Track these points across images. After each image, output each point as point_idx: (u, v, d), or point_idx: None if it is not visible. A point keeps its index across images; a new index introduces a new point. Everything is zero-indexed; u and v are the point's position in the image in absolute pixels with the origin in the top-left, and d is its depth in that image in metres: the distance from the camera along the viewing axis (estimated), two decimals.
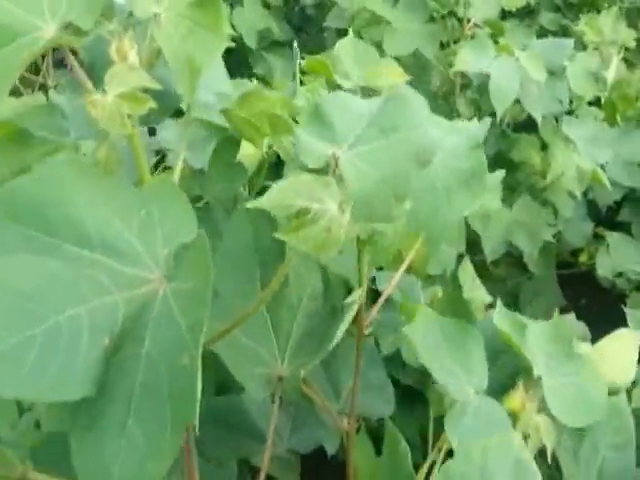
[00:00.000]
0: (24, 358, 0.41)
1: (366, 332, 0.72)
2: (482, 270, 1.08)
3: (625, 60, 1.51)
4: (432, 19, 1.53)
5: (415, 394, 0.91)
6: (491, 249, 1.32)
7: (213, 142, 0.66)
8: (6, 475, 0.51)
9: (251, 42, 1.65)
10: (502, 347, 0.71)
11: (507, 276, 1.51)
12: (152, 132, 0.87)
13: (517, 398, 0.66)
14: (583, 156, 1.35)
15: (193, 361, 0.43)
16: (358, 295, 0.66)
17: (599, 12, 1.54)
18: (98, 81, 0.49)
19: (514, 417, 0.65)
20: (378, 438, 0.89)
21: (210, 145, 0.66)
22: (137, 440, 0.43)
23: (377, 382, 0.80)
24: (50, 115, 0.65)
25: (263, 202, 0.47)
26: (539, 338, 0.68)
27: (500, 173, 0.88)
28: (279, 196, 0.47)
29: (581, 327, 0.83)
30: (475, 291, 0.76)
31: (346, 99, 0.59)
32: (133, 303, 0.45)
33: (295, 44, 0.64)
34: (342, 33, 1.31)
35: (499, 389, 0.66)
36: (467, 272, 0.76)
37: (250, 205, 0.47)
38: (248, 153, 0.59)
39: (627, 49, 1.51)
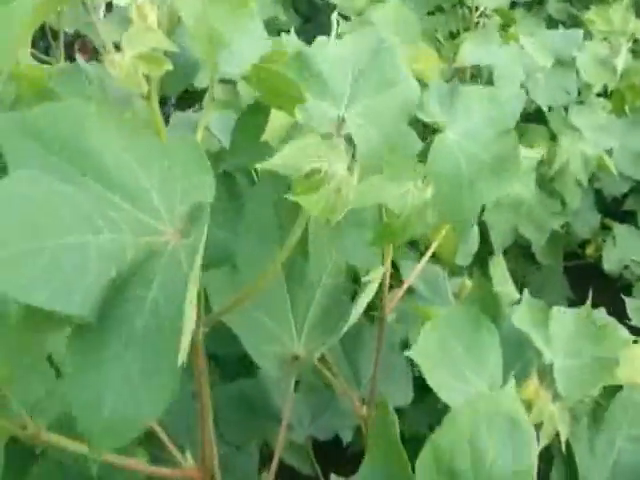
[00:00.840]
0: (32, 265, 0.42)
1: (388, 319, 0.72)
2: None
3: (633, 51, 1.50)
4: (441, 9, 1.52)
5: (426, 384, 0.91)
6: (499, 239, 1.31)
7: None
8: (20, 433, 0.52)
9: None
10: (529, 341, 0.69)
11: (516, 267, 1.51)
12: None
13: (531, 387, 0.65)
14: (589, 143, 1.35)
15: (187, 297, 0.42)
16: (376, 274, 0.65)
17: (608, 2, 1.54)
18: None
19: (528, 406, 0.65)
20: None
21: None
22: (133, 378, 0.43)
23: (397, 371, 0.79)
24: (76, 79, 0.65)
25: (273, 163, 0.47)
26: (565, 327, 0.68)
27: (535, 154, 0.85)
28: (290, 157, 0.47)
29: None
30: (504, 286, 0.74)
31: (323, 44, 0.60)
32: (143, 249, 0.45)
33: (334, 15, 0.63)
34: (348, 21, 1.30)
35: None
36: (498, 266, 0.75)
37: (260, 166, 0.47)
38: (274, 126, 0.58)
39: (636, 40, 1.51)
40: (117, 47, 0.50)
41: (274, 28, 1.68)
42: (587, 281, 1.65)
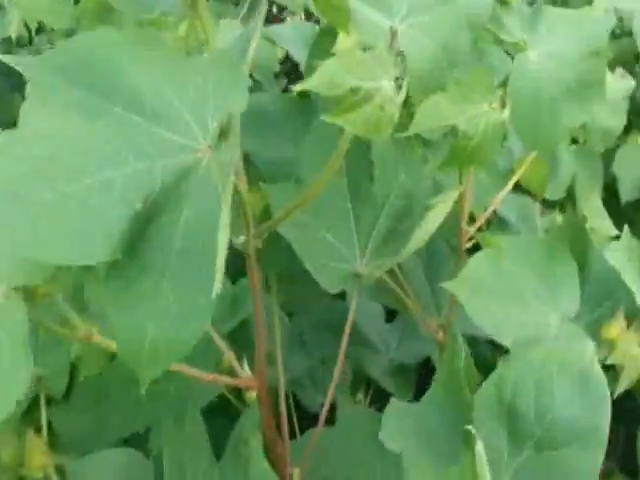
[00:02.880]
0: (59, 215, 0.41)
1: (467, 246, 0.71)
2: (617, 215, 0.98)
3: None
4: None
5: None
6: (626, 188, 1.16)
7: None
8: (71, 335, 0.52)
9: None
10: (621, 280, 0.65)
11: None
12: None
13: (615, 326, 0.62)
14: None
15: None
16: (449, 196, 0.63)
17: None
18: None
19: (611, 346, 0.62)
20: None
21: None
22: (171, 305, 0.43)
23: None
24: None
25: (309, 83, 0.44)
26: None
27: (627, 84, 0.80)
28: (327, 75, 0.44)
29: None
30: (599, 220, 0.70)
31: None
32: (173, 170, 0.44)
33: None
34: None
35: None
36: (591, 201, 0.72)
37: (297, 88, 0.44)
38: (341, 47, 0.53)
39: None
40: None
41: None
42: None
